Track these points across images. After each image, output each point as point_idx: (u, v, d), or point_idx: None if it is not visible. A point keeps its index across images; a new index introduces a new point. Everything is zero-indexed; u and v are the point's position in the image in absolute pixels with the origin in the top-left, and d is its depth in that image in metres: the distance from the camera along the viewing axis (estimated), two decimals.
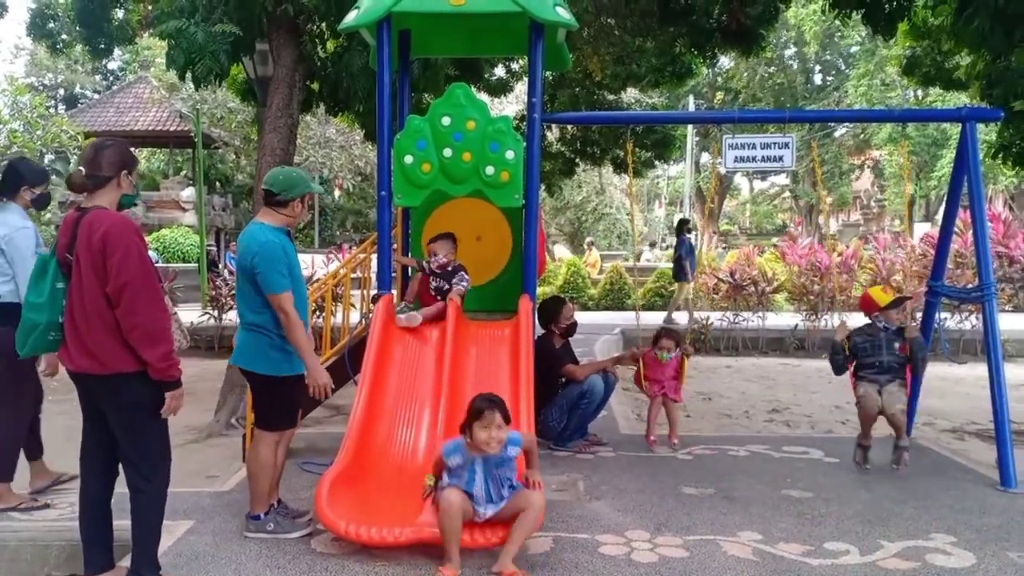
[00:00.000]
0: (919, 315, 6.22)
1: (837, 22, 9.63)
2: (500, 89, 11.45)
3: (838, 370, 5.74)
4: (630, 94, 13.44)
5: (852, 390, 5.66)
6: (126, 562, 3.49)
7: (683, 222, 13.99)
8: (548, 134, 12.57)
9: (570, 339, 6.29)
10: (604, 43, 9.60)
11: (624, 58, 10.04)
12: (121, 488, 3.45)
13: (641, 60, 10.08)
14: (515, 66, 11.42)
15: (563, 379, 6.01)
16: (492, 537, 3.81)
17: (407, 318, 5.39)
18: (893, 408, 5.35)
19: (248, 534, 4.13)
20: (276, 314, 3.96)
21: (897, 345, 5.52)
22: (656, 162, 13.81)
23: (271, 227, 4.06)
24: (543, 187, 13.70)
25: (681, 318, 12.98)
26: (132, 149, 3.55)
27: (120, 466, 3.45)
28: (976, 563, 3.88)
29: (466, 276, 5.68)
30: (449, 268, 5.66)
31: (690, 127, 28.67)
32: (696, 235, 36.61)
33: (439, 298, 5.60)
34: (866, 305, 5.73)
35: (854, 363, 5.64)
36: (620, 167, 13.39)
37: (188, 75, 6.24)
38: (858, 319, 5.96)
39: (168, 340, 3.27)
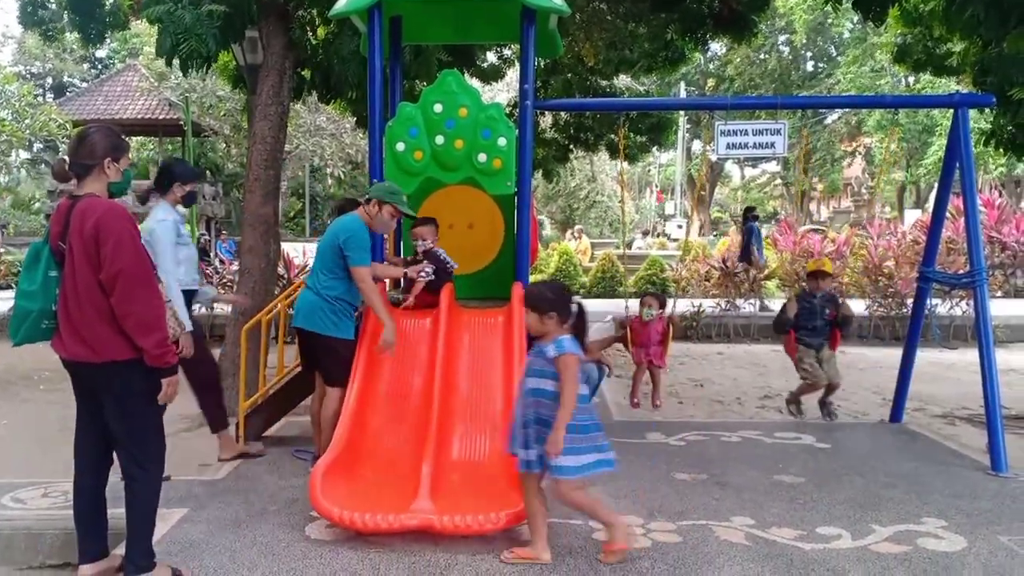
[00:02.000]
0: (910, 301, 6.27)
1: (828, 8, 9.60)
2: (493, 75, 11.38)
3: (780, 331, 6.68)
4: (622, 80, 13.37)
5: (787, 351, 6.57)
6: (120, 550, 3.49)
7: (749, 209, 14.07)
8: (541, 120, 12.52)
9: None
10: (597, 28, 9.56)
11: (617, 43, 10.00)
12: (115, 476, 3.45)
13: (634, 46, 10.04)
14: (508, 52, 11.36)
15: None
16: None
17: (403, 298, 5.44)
18: (837, 380, 6.49)
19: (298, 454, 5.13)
20: (340, 283, 4.72)
21: (827, 311, 6.42)
22: (652, 147, 13.77)
23: (360, 219, 4.78)
24: (540, 173, 13.69)
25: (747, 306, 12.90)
26: (124, 138, 3.51)
27: (114, 454, 3.45)
28: (967, 547, 3.91)
29: (448, 260, 5.57)
30: (432, 253, 5.49)
31: (681, 114, 28.65)
32: (687, 222, 36.69)
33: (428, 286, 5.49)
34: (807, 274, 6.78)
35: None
36: (615, 153, 13.37)
37: (176, 62, 6.18)
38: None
39: (163, 327, 3.26)
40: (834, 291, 6.81)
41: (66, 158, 3.32)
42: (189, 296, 5.05)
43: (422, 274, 5.33)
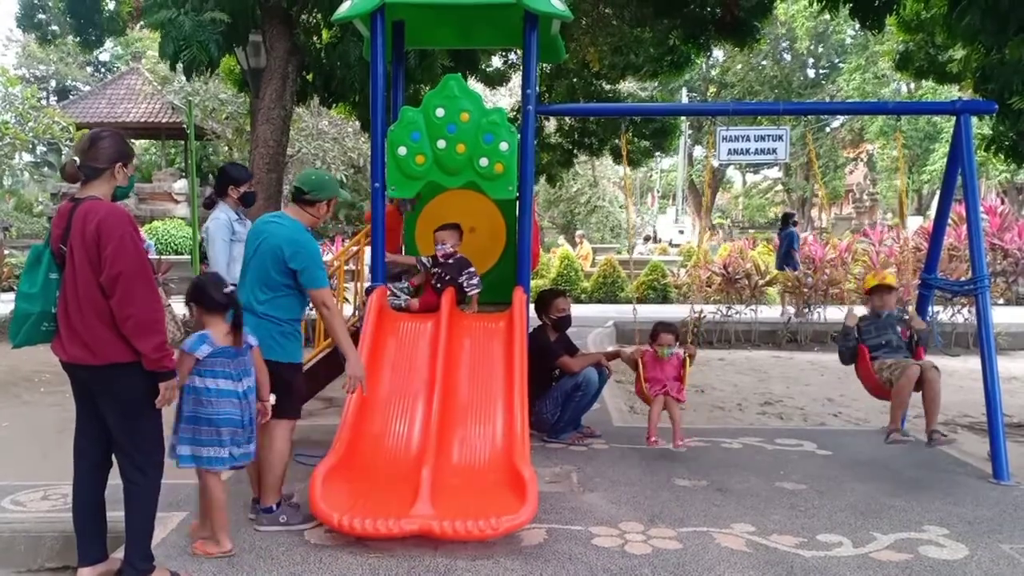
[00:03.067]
0: (911, 308, 6.23)
1: (828, 16, 9.63)
2: (498, 79, 11.40)
3: (848, 357, 5.83)
4: (626, 85, 13.39)
5: (864, 377, 5.74)
6: (119, 553, 3.48)
7: (788, 215, 14.09)
8: (546, 125, 12.54)
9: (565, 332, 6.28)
10: (602, 33, 9.58)
11: (622, 48, 10.02)
12: (115, 479, 3.44)
13: (639, 50, 10.06)
14: (512, 56, 11.38)
15: (557, 372, 6.00)
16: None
17: (399, 302, 5.40)
18: (932, 365, 5.45)
19: (260, 527, 4.06)
20: (284, 301, 4.05)
21: (899, 329, 5.73)
22: (655, 152, 13.80)
23: (303, 225, 4.14)
24: (544, 177, 13.71)
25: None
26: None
27: (114, 457, 3.44)
28: (969, 555, 3.89)
29: (476, 275, 5.68)
30: (451, 260, 5.65)
31: (684, 120, 28.70)
32: (693, 228, 36.65)
33: (439, 286, 5.59)
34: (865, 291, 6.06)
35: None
36: (619, 157, 13.39)
37: (180, 66, 6.20)
38: (858, 312, 6.06)
39: (162, 331, 3.26)
40: (900, 307, 6.04)
41: (76, 159, 3.31)
42: None
43: (474, 291, 5.49)
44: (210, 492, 3.71)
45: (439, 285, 5.61)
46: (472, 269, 5.68)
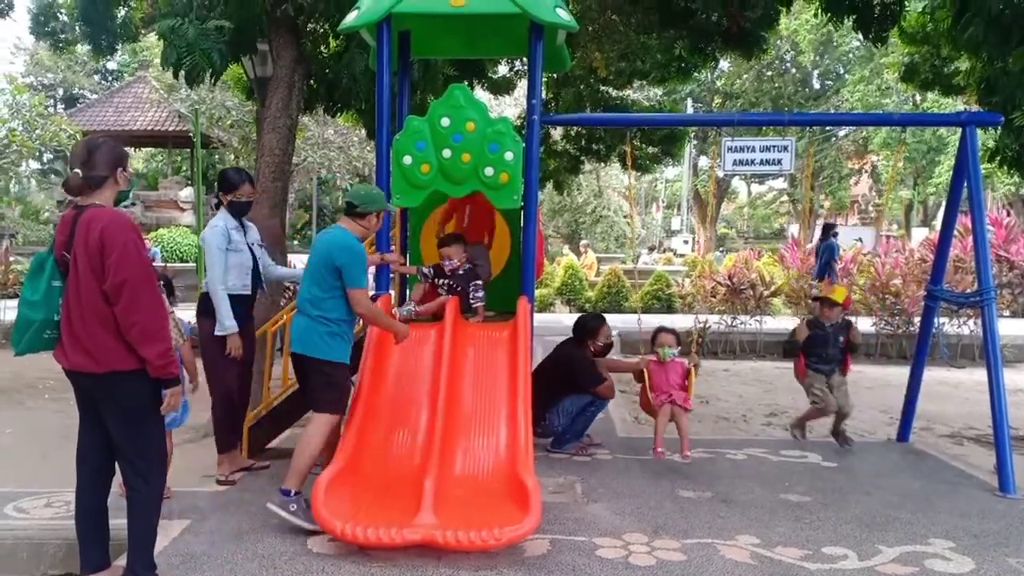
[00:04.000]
0: (917, 319, 6.23)
1: (832, 28, 9.65)
2: (504, 87, 11.40)
3: (787, 354, 6.63)
4: (632, 93, 13.39)
5: (797, 373, 6.26)
6: (122, 561, 3.47)
7: (829, 226, 14.11)
8: (553, 132, 12.53)
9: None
10: (608, 40, 9.58)
11: (629, 54, 10.02)
12: (117, 487, 3.44)
13: (646, 56, 10.06)
14: (519, 64, 11.39)
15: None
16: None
17: (406, 312, 5.38)
18: (847, 407, 6.19)
19: (271, 505, 4.23)
20: (333, 302, 4.36)
21: (841, 339, 6.15)
22: (663, 159, 13.79)
23: (352, 234, 4.49)
24: (552, 184, 13.70)
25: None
26: (129, 148, 3.53)
27: (116, 465, 3.44)
28: (975, 568, 3.87)
29: (481, 287, 5.70)
30: (460, 271, 5.65)
31: (690, 130, 28.75)
32: (693, 238, 36.64)
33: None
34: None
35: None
36: (626, 164, 13.40)
37: (183, 73, 6.22)
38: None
39: (166, 338, 3.26)
40: (845, 316, 6.45)
41: (79, 172, 3.26)
42: (241, 301, 5.04)
43: (479, 303, 5.56)
44: None
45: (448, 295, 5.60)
46: (479, 282, 5.70)
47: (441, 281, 5.68)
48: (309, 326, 4.38)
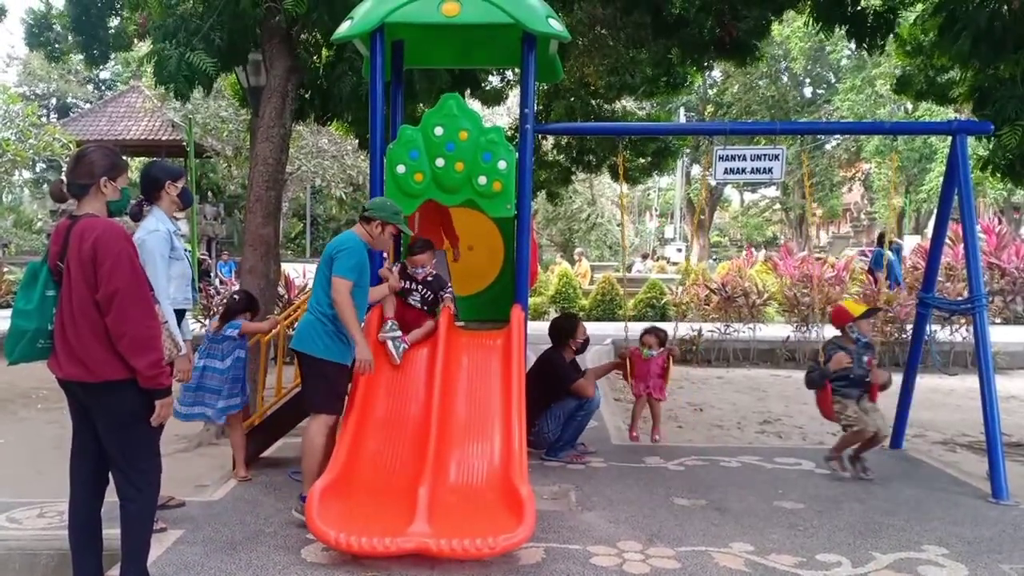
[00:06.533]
0: (909, 327, 6.24)
1: (823, 36, 9.70)
2: (495, 98, 11.44)
3: (814, 385, 5.68)
4: (623, 104, 13.44)
5: (821, 405, 5.66)
6: (115, 571, 3.46)
7: (883, 235, 14.16)
8: (544, 143, 12.57)
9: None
10: (598, 54, 9.63)
11: (619, 69, 10.07)
12: (111, 497, 3.43)
13: (636, 71, 10.12)
14: (509, 75, 11.43)
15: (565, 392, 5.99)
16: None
17: (396, 349, 5.13)
18: (885, 429, 5.66)
19: (294, 512, 4.46)
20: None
21: (866, 358, 5.60)
22: (653, 171, 13.83)
23: (356, 235, 4.65)
24: (544, 195, 13.72)
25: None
26: (124, 157, 3.52)
27: (110, 475, 3.43)
28: (968, 574, 3.88)
29: (451, 289, 5.57)
30: (430, 279, 5.43)
31: (683, 141, 28.83)
32: (686, 247, 36.72)
33: (425, 308, 5.37)
34: (839, 317, 5.76)
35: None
36: (617, 175, 13.42)
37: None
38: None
39: (157, 348, 3.25)
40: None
41: (64, 178, 3.31)
42: (180, 315, 4.54)
43: (390, 341, 5.12)
44: None
45: (424, 308, 5.48)
46: (450, 288, 5.56)
47: (413, 287, 5.38)
48: (310, 323, 4.54)
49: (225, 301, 5.13)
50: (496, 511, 4.16)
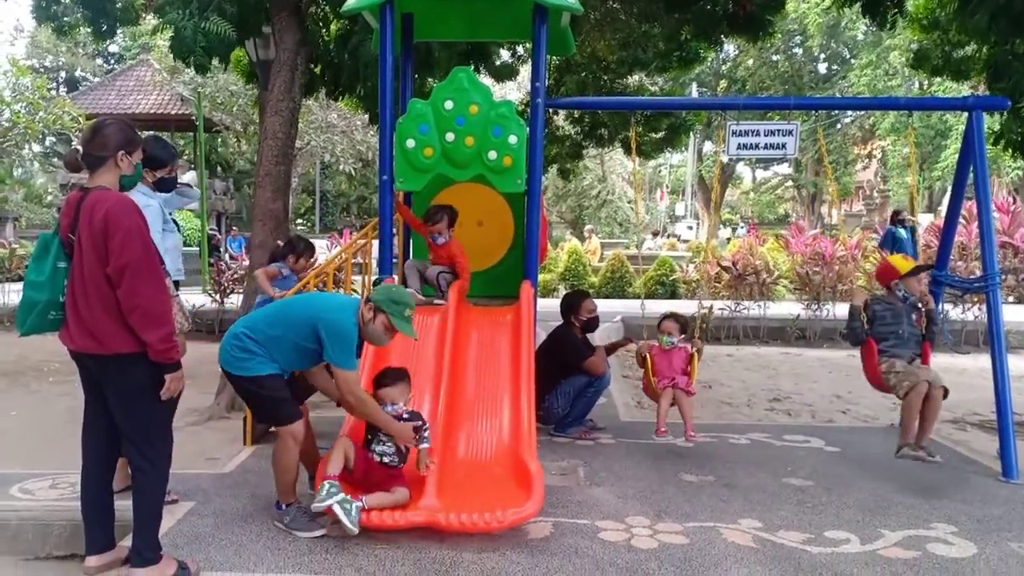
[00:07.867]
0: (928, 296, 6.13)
1: (840, 11, 9.57)
2: (506, 73, 11.34)
3: (855, 338, 5.41)
4: (636, 79, 13.31)
5: (869, 371, 5.42)
6: (127, 542, 3.49)
7: (896, 212, 14.07)
8: (556, 117, 12.48)
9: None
10: (610, 28, 9.52)
11: (630, 43, 9.96)
12: None
13: (648, 45, 10.00)
14: (520, 50, 11.32)
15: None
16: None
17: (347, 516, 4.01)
18: (940, 381, 5.04)
19: (275, 522, 4.06)
20: (282, 354, 3.95)
21: (915, 316, 5.38)
22: (666, 146, 13.72)
23: (354, 318, 3.98)
24: (556, 170, 13.61)
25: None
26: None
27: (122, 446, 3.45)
28: (977, 553, 3.88)
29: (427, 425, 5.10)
30: (405, 416, 4.42)
31: (694, 115, 28.62)
32: (697, 223, 36.52)
33: (396, 462, 4.16)
34: (885, 273, 5.54)
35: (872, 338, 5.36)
36: (630, 149, 13.30)
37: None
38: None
39: (168, 322, 3.26)
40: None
41: (79, 148, 3.32)
42: (175, 287, 4.41)
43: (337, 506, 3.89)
44: None
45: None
46: (427, 426, 4.45)
47: (384, 437, 4.16)
48: (227, 342, 4.01)
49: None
50: (505, 486, 4.18)
